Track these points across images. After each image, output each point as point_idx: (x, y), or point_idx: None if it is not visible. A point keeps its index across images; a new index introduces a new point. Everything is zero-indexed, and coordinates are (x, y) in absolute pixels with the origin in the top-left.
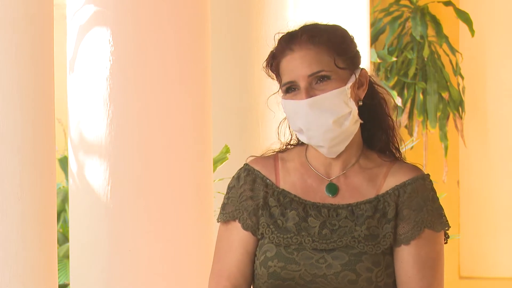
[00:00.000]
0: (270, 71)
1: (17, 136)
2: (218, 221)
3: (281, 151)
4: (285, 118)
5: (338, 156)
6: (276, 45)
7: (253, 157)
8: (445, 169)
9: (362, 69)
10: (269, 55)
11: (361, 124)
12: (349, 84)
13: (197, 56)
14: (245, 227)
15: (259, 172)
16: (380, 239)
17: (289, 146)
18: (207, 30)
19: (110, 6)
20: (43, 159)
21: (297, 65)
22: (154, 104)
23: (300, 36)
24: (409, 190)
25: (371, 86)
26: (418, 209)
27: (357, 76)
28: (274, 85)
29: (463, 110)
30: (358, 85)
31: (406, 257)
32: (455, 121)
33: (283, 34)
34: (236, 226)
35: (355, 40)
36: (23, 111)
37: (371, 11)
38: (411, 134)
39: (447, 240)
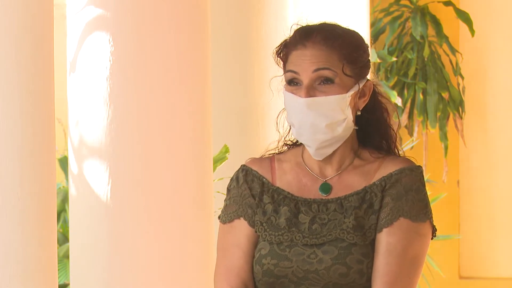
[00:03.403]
0: (278, 58)
1: (17, 136)
2: (224, 223)
3: (278, 153)
4: (284, 109)
5: (333, 158)
6: (291, 35)
7: (250, 159)
8: (445, 169)
9: (367, 80)
10: (281, 43)
11: (360, 130)
12: (350, 92)
13: (197, 56)
14: (251, 224)
15: (256, 172)
16: (366, 230)
17: (285, 147)
18: (207, 30)
19: (110, 6)
20: (43, 159)
21: (305, 60)
22: (154, 104)
23: (315, 35)
24: (393, 180)
25: (375, 96)
26: (398, 198)
27: (360, 86)
28: (275, 85)
29: (463, 110)
30: (360, 95)
31: (378, 245)
32: (455, 121)
33: (300, 26)
34: (242, 223)
35: (369, 50)
36: (23, 111)
37: (371, 11)
38: (411, 134)
39: (435, 233)
